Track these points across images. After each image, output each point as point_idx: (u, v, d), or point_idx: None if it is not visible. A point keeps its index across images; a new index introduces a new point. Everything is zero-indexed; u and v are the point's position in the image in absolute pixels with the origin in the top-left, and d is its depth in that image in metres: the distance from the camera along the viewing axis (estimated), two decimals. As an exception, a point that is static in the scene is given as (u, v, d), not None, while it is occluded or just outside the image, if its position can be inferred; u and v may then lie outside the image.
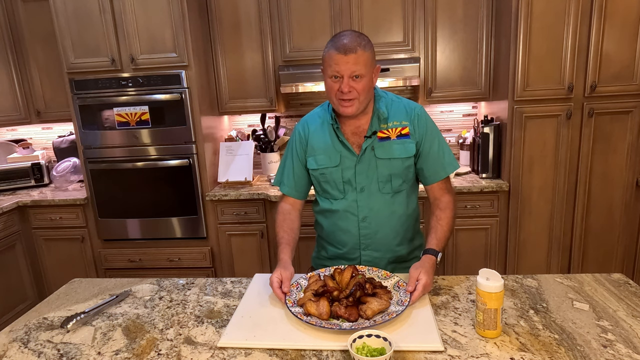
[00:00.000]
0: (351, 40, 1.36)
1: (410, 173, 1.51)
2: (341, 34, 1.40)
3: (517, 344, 1.07)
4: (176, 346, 1.14)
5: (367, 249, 1.53)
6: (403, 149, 1.47)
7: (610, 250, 2.67)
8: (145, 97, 2.71)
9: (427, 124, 1.50)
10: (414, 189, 1.58)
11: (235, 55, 2.91)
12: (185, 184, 2.80)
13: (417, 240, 1.62)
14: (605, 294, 1.29)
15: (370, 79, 1.40)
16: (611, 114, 2.50)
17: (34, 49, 3.06)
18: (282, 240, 1.49)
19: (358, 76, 1.36)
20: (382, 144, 1.47)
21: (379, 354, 1.00)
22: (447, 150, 1.52)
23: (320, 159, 1.51)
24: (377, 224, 1.51)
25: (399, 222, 1.53)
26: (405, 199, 1.53)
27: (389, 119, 1.48)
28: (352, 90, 1.37)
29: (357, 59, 1.35)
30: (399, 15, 2.76)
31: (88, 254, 3.01)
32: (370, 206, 1.50)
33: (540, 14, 2.41)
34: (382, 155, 1.46)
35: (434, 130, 1.51)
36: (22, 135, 3.57)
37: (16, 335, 1.24)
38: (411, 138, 1.48)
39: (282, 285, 1.30)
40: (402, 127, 1.48)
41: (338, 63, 1.36)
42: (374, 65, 1.41)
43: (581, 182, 2.59)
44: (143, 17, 2.62)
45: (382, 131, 1.47)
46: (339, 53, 1.35)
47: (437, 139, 1.50)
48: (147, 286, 1.50)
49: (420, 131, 1.49)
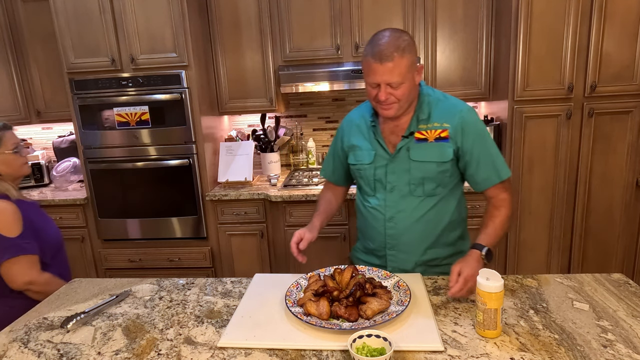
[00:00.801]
0: (388, 46, 1.29)
1: (446, 178, 1.44)
2: (380, 35, 1.34)
3: (517, 344, 1.07)
4: (176, 346, 1.14)
5: (392, 249, 1.51)
6: (439, 153, 1.41)
7: (610, 250, 2.67)
8: (145, 97, 2.70)
9: (473, 127, 1.40)
10: (454, 193, 1.50)
11: (235, 55, 2.91)
12: (185, 184, 2.80)
13: (459, 245, 1.55)
14: (605, 294, 1.29)
15: (411, 82, 1.35)
16: (611, 114, 2.50)
17: (34, 49, 3.06)
18: (318, 208, 1.65)
19: (396, 84, 1.32)
20: (418, 145, 1.42)
21: (379, 354, 1.00)
22: (498, 154, 1.42)
23: (358, 155, 1.53)
24: (404, 226, 1.47)
25: (430, 226, 1.47)
26: (440, 204, 1.46)
27: (431, 119, 1.42)
28: (390, 96, 1.34)
29: (393, 69, 1.29)
30: (399, 15, 2.76)
31: (88, 254, 3.01)
32: (399, 207, 1.47)
33: (540, 14, 2.41)
34: (417, 157, 1.42)
35: (481, 133, 1.41)
36: (22, 135, 3.56)
37: (16, 335, 1.24)
38: (450, 142, 1.40)
39: (301, 243, 1.42)
40: (442, 129, 1.40)
41: (375, 72, 1.32)
42: (414, 68, 1.35)
43: (581, 182, 2.59)
44: (143, 17, 2.62)
45: (421, 132, 1.42)
46: (375, 61, 1.30)
47: (485, 143, 1.41)
48: (147, 286, 1.50)
49: (463, 135, 1.39)
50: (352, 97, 3.26)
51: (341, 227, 2.73)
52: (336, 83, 2.81)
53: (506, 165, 1.43)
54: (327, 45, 2.84)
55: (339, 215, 2.71)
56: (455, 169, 1.46)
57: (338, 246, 2.74)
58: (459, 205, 1.52)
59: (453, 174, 1.46)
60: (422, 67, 1.40)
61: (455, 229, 1.52)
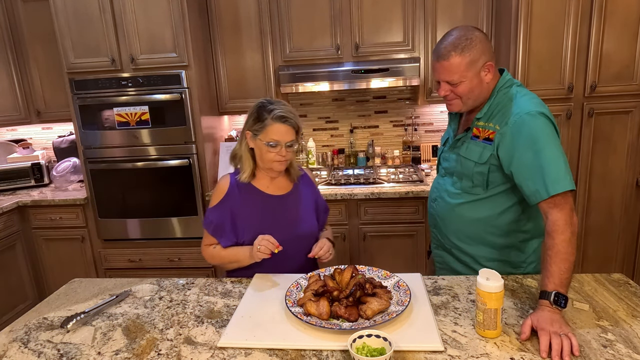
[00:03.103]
0: (448, 44, 1.33)
1: (484, 180, 1.39)
2: (448, 33, 1.37)
3: (517, 344, 1.07)
4: (176, 346, 1.14)
5: (434, 228, 1.61)
6: (479, 153, 1.39)
7: (610, 250, 2.67)
8: (145, 97, 2.70)
9: (525, 133, 1.28)
10: (499, 199, 1.41)
11: (235, 55, 2.91)
12: (185, 184, 2.80)
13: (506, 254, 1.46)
14: (605, 294, 1.29)
15: (473, 81, 1.35)
16: (611, 114, 2.50)
17: (34, 49, 3.06)
18: None
19: (455, 81, 1.35)
20: (470, 141, 1.43)
21: (379, 354, 1.00)
22: (551, 165, 1.23)
23: (444, 135, 1.64)
24: (441, 211, 1.54)
25: (466, 224, 1.46)
26: (476, 205, 1.43)
27: (490, 118, 1.39)
28: (450, 93, 1.39)
29: (450, 67, 1.33)
30: (399, 15, 2.76)
31: (88, 254, 3.01)
32: (441, 193, 1.55)
33: (540, 14, 2.41)
34: (463, 152, 1.45)
35: (534, 141, 1.26)
36: (22, 135, 3.57)
37: (16, 335, 1.24)
38: (492, 144, 1.35)
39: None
40: (492, 130, 1.37)
41: (434, 70, 1.39)
42: (477, 66, 1.33)
43: (581, 182, 2.58)
44: (143, 17, 2.61)
45: (478, 129, 1.42)
46: (434, 59, 1.37)
47: (536, 152, 1.25)
48: (147, 286, 1.50)
49: (507, 141, 1.31)
50: (352, 97, 3.26)
51: (341, 227, 2.73)
52: (336, 83, 2.81)
53: (563, 179, 1.22)
54: (327, 45, 2.84)
55: (339, 215, 2.71)
56: (499, 175, 1.38)
57: (339, 246, 2.74)
58: (509, 213, 1.41)
59: (496, 179, 1.39)
60: (491, 65, 1.35)
61: (502, 236, 1.44)
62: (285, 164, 1.55)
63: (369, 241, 2.75)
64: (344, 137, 3.33)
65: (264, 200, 1.57)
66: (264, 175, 1.60)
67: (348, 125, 3.30)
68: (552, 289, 1.11)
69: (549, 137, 1.26)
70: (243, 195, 1.57)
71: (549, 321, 1.05)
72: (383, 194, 2.64)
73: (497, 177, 1.38)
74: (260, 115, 1.48)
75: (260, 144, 1.50)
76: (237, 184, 1.58)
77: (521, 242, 1.45)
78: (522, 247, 1.46)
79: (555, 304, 1.09)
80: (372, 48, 2.83)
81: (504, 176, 1.37)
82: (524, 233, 1.44)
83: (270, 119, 1.46)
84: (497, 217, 1.43)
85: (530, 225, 1.44)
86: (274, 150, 1.48)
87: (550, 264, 1.15)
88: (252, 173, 1.58)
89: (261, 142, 1.49)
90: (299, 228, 1.57)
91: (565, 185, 1.21)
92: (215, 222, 1.56)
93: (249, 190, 1.58)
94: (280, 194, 1.60)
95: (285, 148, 1.49)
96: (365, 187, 2.73)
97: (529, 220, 1.43)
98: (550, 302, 1.09)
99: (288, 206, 1.60)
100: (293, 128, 1.49)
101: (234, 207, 1.55)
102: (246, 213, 1.55)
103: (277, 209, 1.58)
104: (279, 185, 1.61)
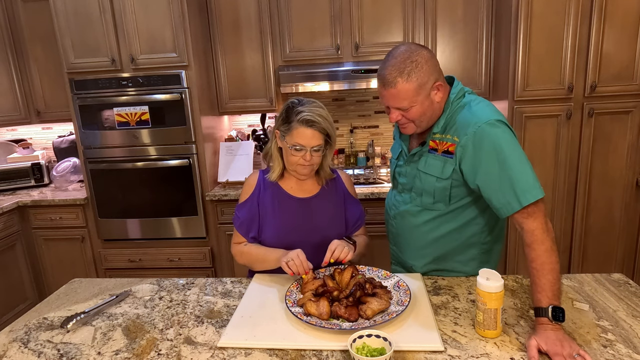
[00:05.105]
0: (392, 70, 1.23)
1: (446, 196, 1.33)
2: (391, 53, 1.27)
3: (517, 344, 1.07)
4: (176, 346, 1.14)
5: (394, 245, 1.57)
6: (440, 168, 1.32)
7: (610, 250, 2.67)
8: (145, 97, 2.70)
9: (487, 143, 1.22)
10: (461, 213, 1.37)
11: (235, 55, 2.91)
12: (185, 184, 2.80)
13: (471, 266, 1.43)
14: (605, 294, 1.29)
15: (424, 104, 1.27)
16: (611, 114, 2.50)
17: (34, 49, 3.06)
18: None
19: (404, 108, 1.27)
20: (429, 155, 1.35)
21: (379, 354, 0.99)
22: (519, 174, 1.19)
23: (393, 147, 1.59)
24: (403, 230, 1.47)
25: (429, 241, 1.41)
26: (439, 221, 1.38)
27: (447, 130, 1.32)
28: (402, 118, 1.30)
29: (397, 94, 1.24)
30: (399, 15, 2.76)
31: (88, 254, 3.01)
32: (400, 211, 1.46)
33: (540, 14, 2.41)
34: (422, 167, 1.37)
35: (498, 151, 1.21)
36: (22, 135, 3.57)
37: (16, 335, 1.24)
38: (454, 158, 1.28)
39: None
40: (451, 142, 1.29)
41: (381, 96, 1.29)
42: (426, 88, 1.25)
43: (581, 182, 2.58)
44: (143, 17, 2.61)
45: (435, 141, 1.34)
46: (380, 85, 1.27)
47: (502, 163, 1.20)
48: (147, 286, 1.50)
49: (469, 153, 1.25)
50: (352, 97, 3.26)
51: (341, 227, 2.73)
52: (336, 83, 2.81)
53: (532, 188, 1.18)
54: (327, 45, 2.84)
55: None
56: (462, 189, 1.33)
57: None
58: (472, 226, 1.38)
59: (458, 193, 1.34)
60: (440, 83, 1.27)
61: (464, 250, 1.42)
62: (310, 169, 1.47)
63: (369, 241, 2.74)
64: (344, 137, 3.33)
65: (286, 202, 1.52)
66: (291, 176, 1.55)
67: (348, 125, 3.30)
68: (547, 304, 1.07)
69: (511, 145, 1.22)
70: (268, 194, 1.53)
71: (558, 343, 1.01)
72: (383, 194, 2.63)
73: (460, 192, 1.34)
74: (288, 116, 1.42)
75: (286, 146, 1.44)
76: (265, 181, 1.55)
77: (482, 253, 1.43)
78: (483, 259, 1.44)
79: (554, 319, 1.05)
80: (372, 48, 2.83)
81: (468, 190, 1.32)
82: (485, 244, 1.42)
83: (296, 121, 1.39)
84: (459, 230, 1.38)
85: (491, 237, 1.42)
86: (299, 154, 1.41)
87: (538, 277, 1.11)
88: (281, 173, 1.53)
89: (287, 145, 1.43)
90: (317, 234, 1.49)
91: (536, 194, 1.17)
92: (242, 218, 1.54)
93: (274, 189, 1.54)
94: (303, 197, 1.54)
95: (311, 152, 1.41)
96: (365, 187, 2.73)
97: (491, 231, 1.41)
98: (549, 318, 1.05)
99: (311, 210, 1.53)
100: (321, 133, 1.40)
101: (259, 204, 1.53)
102: (268, 212, 1.52)
103: (299, 212, 1.52)
104: (304, 188, 1.55)
